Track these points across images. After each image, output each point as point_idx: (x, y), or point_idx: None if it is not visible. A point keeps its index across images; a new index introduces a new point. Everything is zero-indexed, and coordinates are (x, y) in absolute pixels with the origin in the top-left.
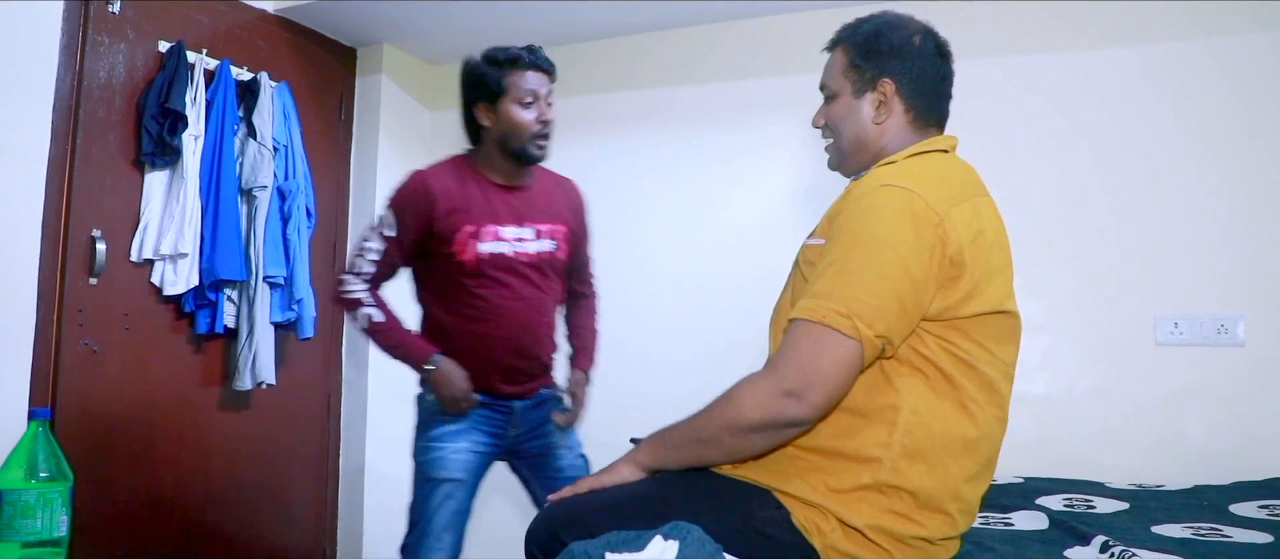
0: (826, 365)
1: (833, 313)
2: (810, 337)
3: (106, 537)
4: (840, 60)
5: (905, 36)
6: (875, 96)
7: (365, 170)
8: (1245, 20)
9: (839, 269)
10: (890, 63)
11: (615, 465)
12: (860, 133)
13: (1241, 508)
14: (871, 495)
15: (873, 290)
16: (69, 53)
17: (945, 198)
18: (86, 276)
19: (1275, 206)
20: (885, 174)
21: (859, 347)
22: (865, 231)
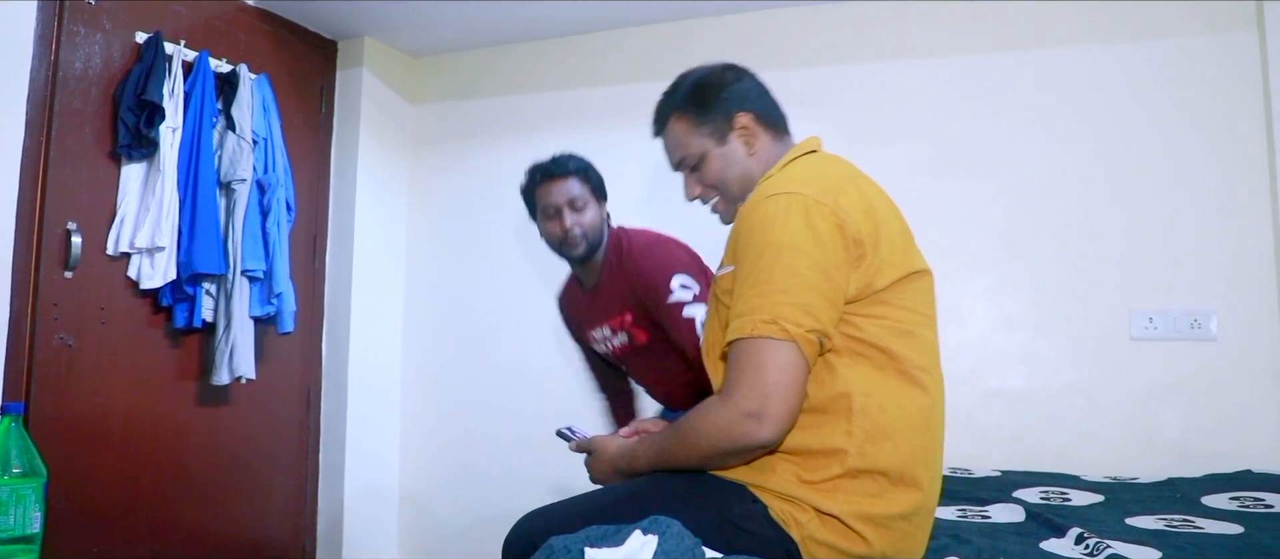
0: (774, 375)
1: (759, 324)
2: (749, 354)
3: (82, 534)
4: (683, 129)
5: (720, 77)
6: (738, 134)
7: (346, 164)
8: (1219, 20)
9: (751, 283)
10: (734, 99)
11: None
12: (744, 170)
13: (1213, 500)
14: (844, 483)
15: (787, 291)
16: (44, 43)
17: (829, 188)
18: (61, 270)
19: (1248, 203)
20: (765, 187)
21: (794, 347)
22: (764, 241)
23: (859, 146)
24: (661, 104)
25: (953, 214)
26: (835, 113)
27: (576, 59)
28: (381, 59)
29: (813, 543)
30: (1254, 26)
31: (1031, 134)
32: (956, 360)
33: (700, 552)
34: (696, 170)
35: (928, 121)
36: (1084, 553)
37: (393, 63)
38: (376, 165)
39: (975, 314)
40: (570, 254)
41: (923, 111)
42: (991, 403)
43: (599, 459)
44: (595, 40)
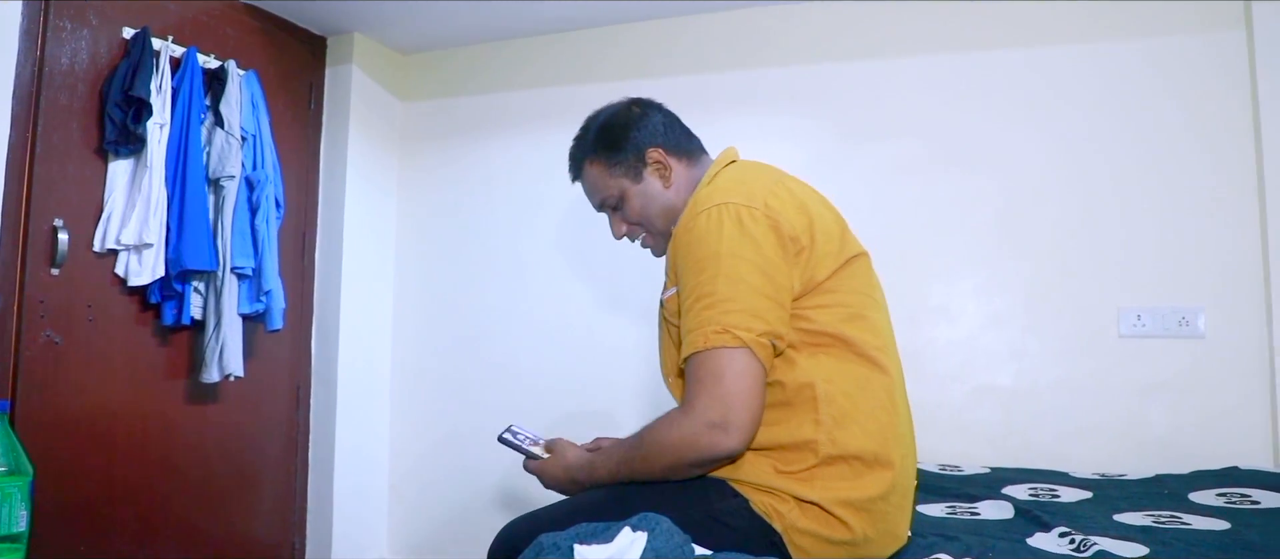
0: (732, 382)
1: (712, 335)
2: (705, 366)
3: (69, 532)
4: (598, 172)
5: (626, 116)
6: (651, 169)
7: (335, 161)
8: (1207, 19)
9: (696, 298)
10: (639, 137)
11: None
12: (664, 203)
13: (1201, 496)
14: (820, 470)
15: (733, 299)
16: (29, 38)
17: (757, 192)
18: (48, 267)
19: (1236, 201)
20: (692, 206)
21: (748, 353)
22: (702, 255)
23: (849, 144)
24: (573, 150)
25: (943, 211)
26: (825, 110)
27: (567, 56)
28: (371, 55)
29: (796, 532)
30: (1242, 25)
31: (1021, 132)
32: (946, 357)
33: (689, 548)
34: (618, 209)
35: (918, 119)
36: (1072, 550)
37: (382, 59)
38: (366, 162)
39: (965, 311)
40: None
41: (913, 109)
42: (981, 400)
43: (554, 463)
44: (586, 37)
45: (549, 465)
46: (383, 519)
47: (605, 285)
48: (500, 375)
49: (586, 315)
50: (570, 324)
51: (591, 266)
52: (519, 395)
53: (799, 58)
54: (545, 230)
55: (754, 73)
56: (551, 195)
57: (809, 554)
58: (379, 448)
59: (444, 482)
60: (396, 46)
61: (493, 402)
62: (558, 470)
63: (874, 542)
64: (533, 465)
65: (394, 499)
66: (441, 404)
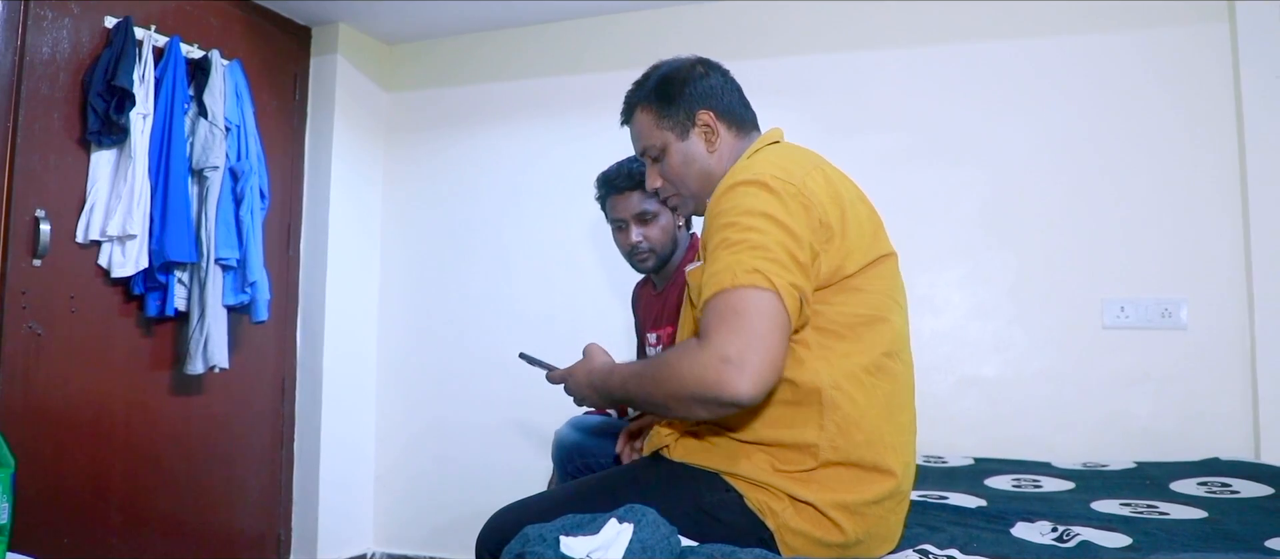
0: (756, 321)
1: (740, 274)
2: (728, 301)
3: (52, 524)
4: (647, 121)
5: (688, 72)
6: (699, 130)
7: (320, 152)
8: (1190, 13)
9: (723, 247)
10: (693, 95)
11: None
12: (703, 167)
13: (1181, 485)
14: (819, 473)
15: (763, 248)
16: (10, 27)
17: (794, 173)
18: (30, 258)
19: (1218, 194)
20: (730, 175)
21: (775, 296)
22: (733, 217)
23: (836, 135)
24: (630, 94)
25: (928, 203)
26: (813, 101)
27: (554, 47)
28: (356, 46)
29: (788, 531)
30: (1225, 19)
31: (1006, 124)
32: (931, 348)
33: (675, 539)
34: (658, 161)
35: (904, 111)
36: (1054, 540)
37: (367, 50)
38: (351, 153)
39: (950, 302)
40: (640, 267)
41: (899, 101)
42: (965, 390)
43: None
44: (573, 27)
45: (576, 368)
46: (368, 510)
47: (589, 276)
48: (485, 366)
49: (571, 306)
50: (555, 314)
51: (576, 257)
52: (504, 387)
53: (786, 49)
54: (530, 221)
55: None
56: (536, 186)
57: (799, 553)
58: (364, 439)
59: (429, 473)
60: (381, 37)
61: (478, 392)
62: (582, 373)
63: (866, 543)
64: (557, 374)
65: (380, 490)
66: (427, 395)
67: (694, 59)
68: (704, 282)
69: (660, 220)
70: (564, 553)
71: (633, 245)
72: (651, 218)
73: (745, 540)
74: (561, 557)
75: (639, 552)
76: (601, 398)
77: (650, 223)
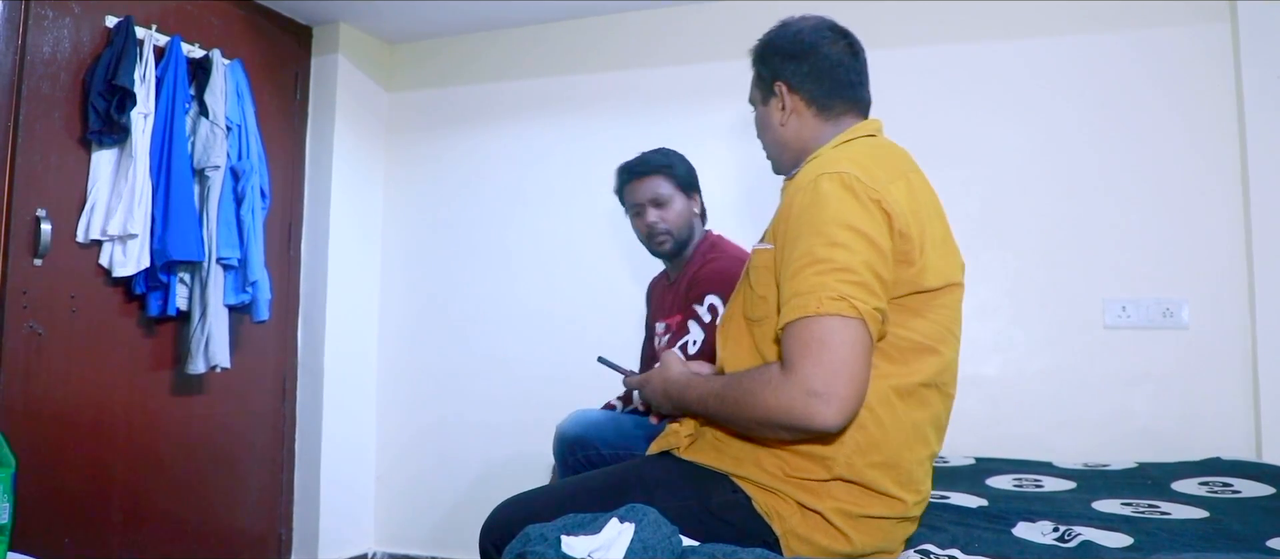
0: (840, 352)
1: (826, 301)
2: (812, 331)
3: (54, 524)
4: (754, 73)
5: (796, 36)
6: (776, 101)
7: (321, 151)
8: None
9: (808, 262)
10: (782, 65)
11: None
12: (774, 136)
13: (1182, 485)
14: (828, 486)
15: (850, 269)
16: (11, 26)
17: (879, 177)
18: (31, 258)
19: (1219, 193)
20: (816, 166)
21: (862, 324)
22: (819, 220)
23: None
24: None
25: None
26: None
27: (555, 47)
28: (357, 45)
29: (793, 537)
30: (1227, 19)
31: (1007, 124)
32: None
33: (677, 539)
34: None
35: (903, 111)
36: (1056, 540)
37: (369, 49)
38: (352, 153)
39: None
40: (657, 251)
41: (898, 101)
42: (966, 390)
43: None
44: (574, 27)
45: (653, 375)
46: (369, 510)
47: (591, 275)
48: (486, 366)
49: (572, 306)
50: (556, 314)
51: (577, 257)
52: (505, 386)
53: None
54: (532, 221)
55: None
56: (537, 186)
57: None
58: (365, 439)
59: (430, 472)
60: (383, 36)
61: (479, 392)
62: (659, 381)
63: (871, 553)
64: (634, 379)
65: (381, 490)
66: (428, 395)
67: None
68: (785, 297)
69: (675, 205)
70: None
71: (650, 226)
72: (667, 202)
73: (750, 543)
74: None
75: (640, 551)
76: (675, 409)
77: (666, 206)
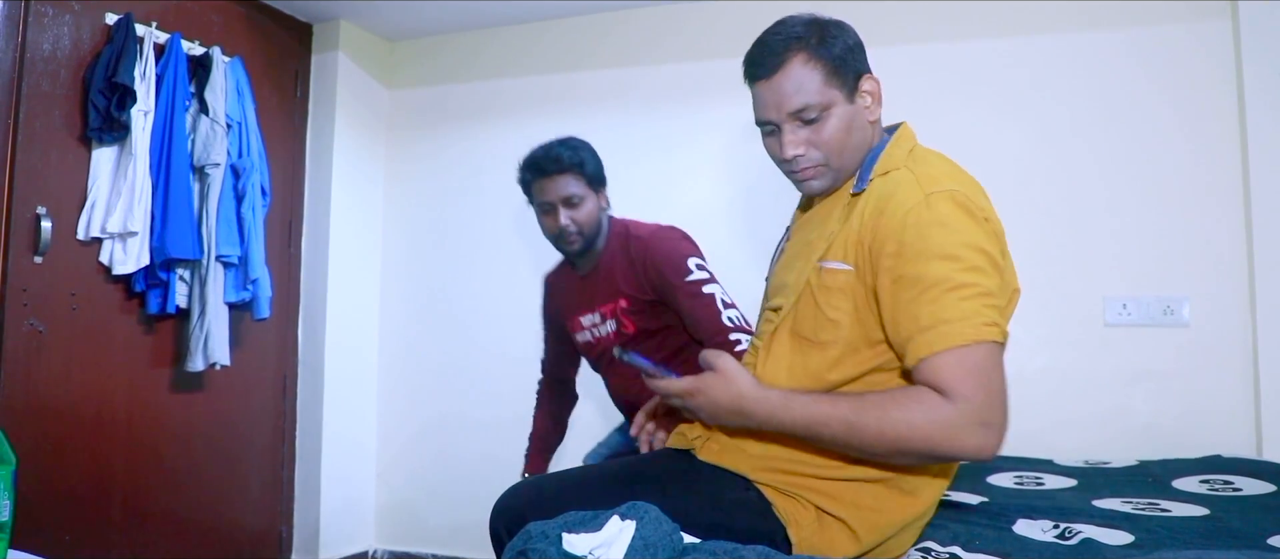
0: (999, 381)
1: (983, 328)
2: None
3: (54, 521)
4: (814, 73)
5: (847, 30)
6: (863, 97)
7: (321, 149)
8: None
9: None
10: (862, 59)
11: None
12: (863, 139)
13: (1183, 483)
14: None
15: (991, 295)
16: (11, 24)
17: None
18: (31, 255)
19: (1220, 191)
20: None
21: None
22: (948, 243)
23: None
24: (784, 40)
25: None
26: None
27: (555, 44)
28: (357, 43)
29: (806, 545)
30: (1227, 17)
31: (1006, 122)
32: None
33: (678, 536)
34: (814, 123)
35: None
36: (1056, 537)
37: (369, 46)
38: (352, 150)
39: None
40: (566, 250)
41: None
42: None
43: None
44: (574, 25)
45: (716, 386)
46: (370, 507)
47: None
48: (487, 362)
49: None
50: None
51: None
52: (505, 382)
53: None
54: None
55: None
56: None
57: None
58: (366, 436)
59: (431, 469)
60: (383, 34)
61: (480, 388)
62: (724, 395)
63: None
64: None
65: (381, 487)
66: (428, 392)
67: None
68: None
69: (587, 205)
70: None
71: (561, 229)
72: (579, 201)
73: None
74: (564, 554)
75: (641, 549)
76: (741, 425)
77: (577, 206)
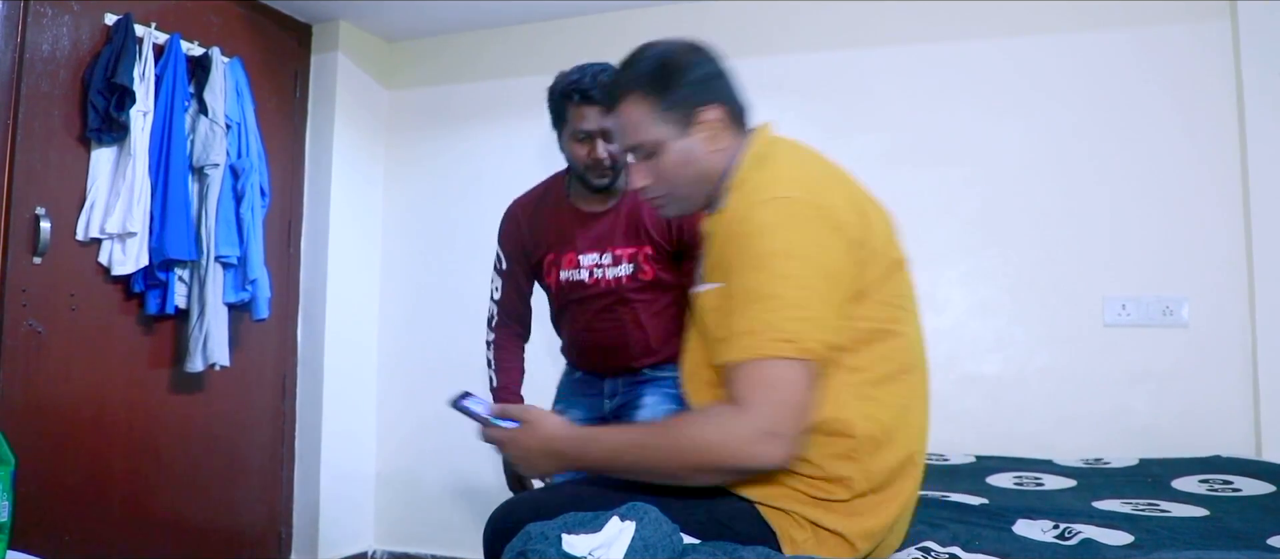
0: (789, 393)
1: (772, 343)
2: (761, 372)
3: (53, 522)
4: (643, 112)
5: (688, 58)
6: (701, 128)
7: (321, 150)
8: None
9: (755, 298)
10: (699, 90)
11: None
12: (702, 170)
13: (1184, 483)
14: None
15: (799, 305)
16: (10, 24)
17: (819, 188)
18: (30, 256)
19: (1218, 192)
20: (747, 193)
21: (807, 365)
22: (763, 252)
23: (836, 134)
24: (618, 77)
25: (929, 201)
26: (813, 101)
27: (555, 44)
28: (357, 43)
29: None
30: (1227, 17)
31: (1007, 122)
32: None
33: (678, 537)
34: (650, 158)
35: (904, 109)
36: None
37: (368, 47)
38: (352, 151)
39: (951, 300)
40: (594, 183)
41: (900, 99)
42: (967, 388)
43: (530, 434)
44: (574, 25)
45: (523, 436)
46: (369, 508)
47: None
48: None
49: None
50: None
51: None
52: None
53: (786, 49)
54: None
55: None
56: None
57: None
58: (365, 437)
59: (431, 470)
60: (382, 34)
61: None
62: (534, 442)
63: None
64: (500, 434)
65: (381, 487)
66: (428, 392)
67: (690, 43)
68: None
69: None
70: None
71: (597, 160)
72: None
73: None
74: (564, 554)
75: (641, 550)
76: (560, 468)
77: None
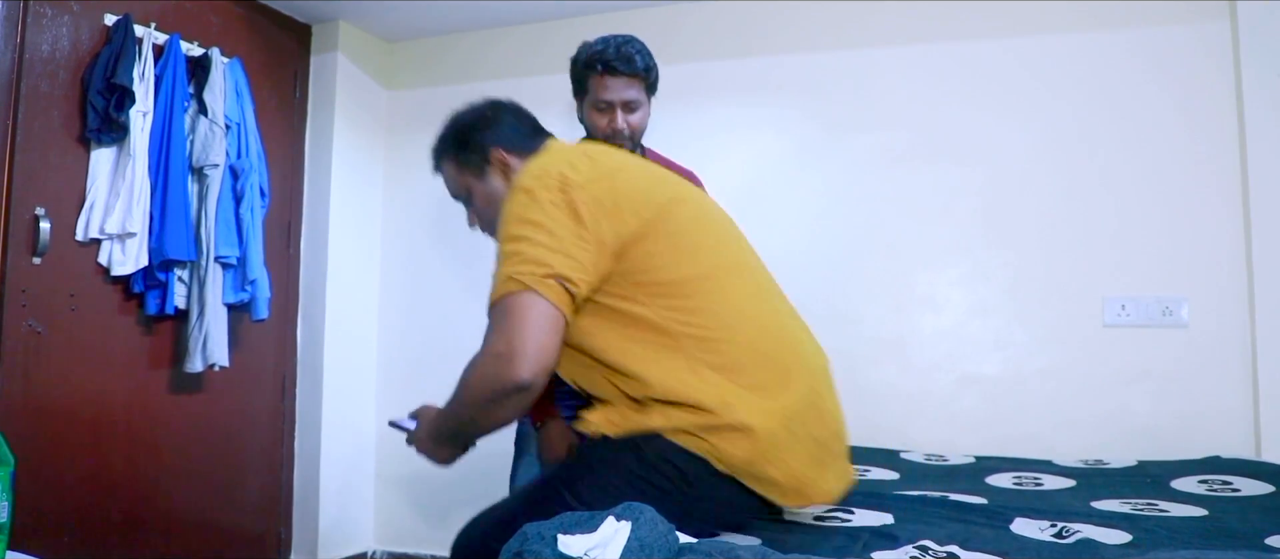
0: (517, 317)
1: (505, 283)
2: (497, 310)
3: (53, 522)
4: (452, 168)
5: (478, 117)
6: (495, 168)
7: (320, 150)
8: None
9: (499, 264)
10: (486, 138)
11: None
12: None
13: (1182, 483)
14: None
15: (518, 253)
16: (9, 24)
17: (550, 166)
18: (30, 256)
19: (1218, 192)
20: None
21: (532, 293)
22: (506, 222)
23: (836, 134)
24: (434, 146)
25: (929, 201)
26: (812, 100)
27: (555, 45)
28: (357, 43)
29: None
30: (1226, 18)
31: (1007, 122)
32: (932, 346)
33: (674, 537)
34: (471, 204)
35: (904, 110)
36: (1053, 536)
37: (368, 47)
38: (351, 151)
39: (950, 301)
40: None
41: (900, 99)
42: (966, 389)
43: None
44: (574, 25)
45: (419, 431)
46: (369, 509)
47: None
48: None
49: None
50: None
51: None
52: None
53: (786, 48)
54: None
55: (741, 63)
56: None
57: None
58: (365, 437)
59: (430, 471)
60: (382, 34)
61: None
62: (423, 433)
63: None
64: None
65: (380, 488)
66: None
67: (485, 102)
68: None
69: (642, 111)
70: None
71: (616, 130)
72: (637, 106)
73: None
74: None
75: (637, 549)
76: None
77: (635, 111)
